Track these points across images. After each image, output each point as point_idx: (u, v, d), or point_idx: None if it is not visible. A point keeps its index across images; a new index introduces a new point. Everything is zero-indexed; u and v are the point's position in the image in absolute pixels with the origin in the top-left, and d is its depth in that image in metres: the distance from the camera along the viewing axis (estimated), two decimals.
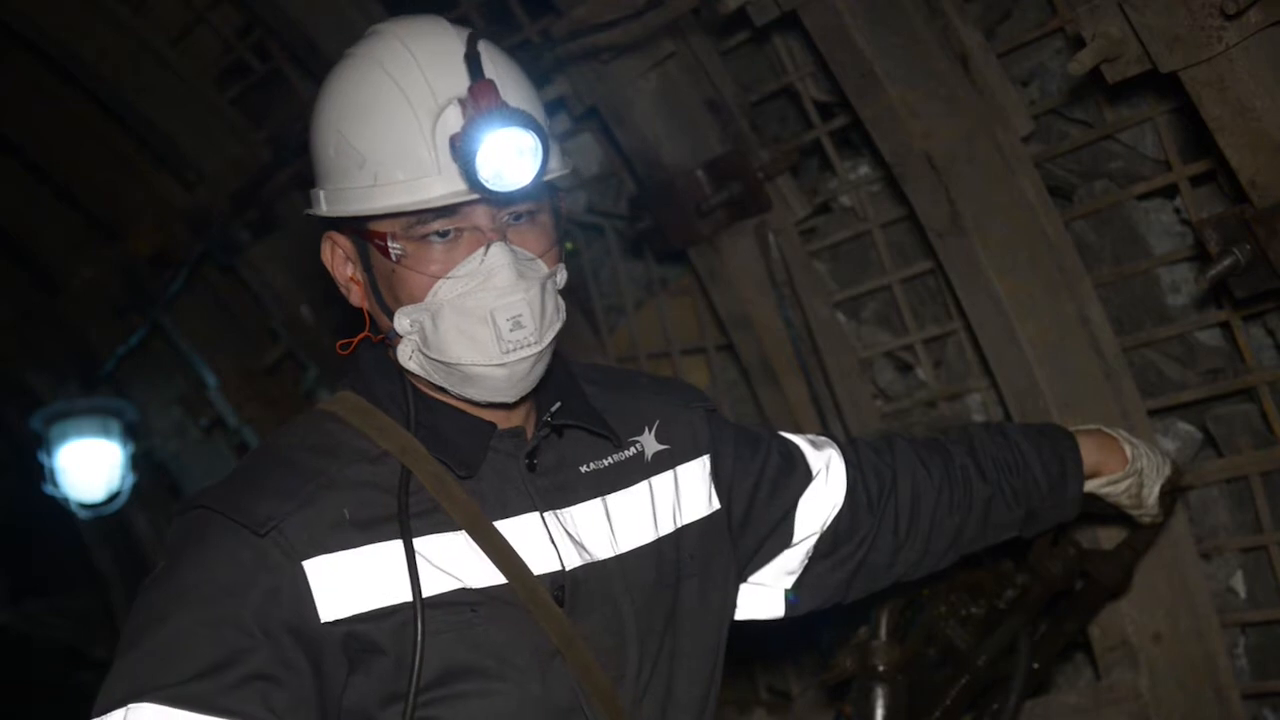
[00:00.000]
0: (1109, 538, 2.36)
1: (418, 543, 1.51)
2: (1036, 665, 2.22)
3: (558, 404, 1.66)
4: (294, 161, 3.83)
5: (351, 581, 1.48)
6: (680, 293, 3.35)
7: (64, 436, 5.32)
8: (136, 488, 5.46)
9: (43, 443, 5.38)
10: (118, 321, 5.03)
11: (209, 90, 4.10)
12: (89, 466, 5.33)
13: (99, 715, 1.41)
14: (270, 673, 1.42)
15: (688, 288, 3.28)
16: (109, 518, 5.67)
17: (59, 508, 5.53)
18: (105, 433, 5.31)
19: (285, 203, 4.10)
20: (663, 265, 3.35)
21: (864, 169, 2.88)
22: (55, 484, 5.38)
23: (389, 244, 1.52)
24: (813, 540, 1.87)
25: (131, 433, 5.39)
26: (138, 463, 5.43)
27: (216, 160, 4.18)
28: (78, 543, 6.19)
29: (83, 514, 5.57)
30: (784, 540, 1.85)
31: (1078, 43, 2.04)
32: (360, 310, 1.64)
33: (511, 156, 1.46)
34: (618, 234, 3.37)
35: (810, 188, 3.00)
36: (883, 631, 2.15)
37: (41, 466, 5.39)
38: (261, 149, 4.07)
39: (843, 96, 2.57)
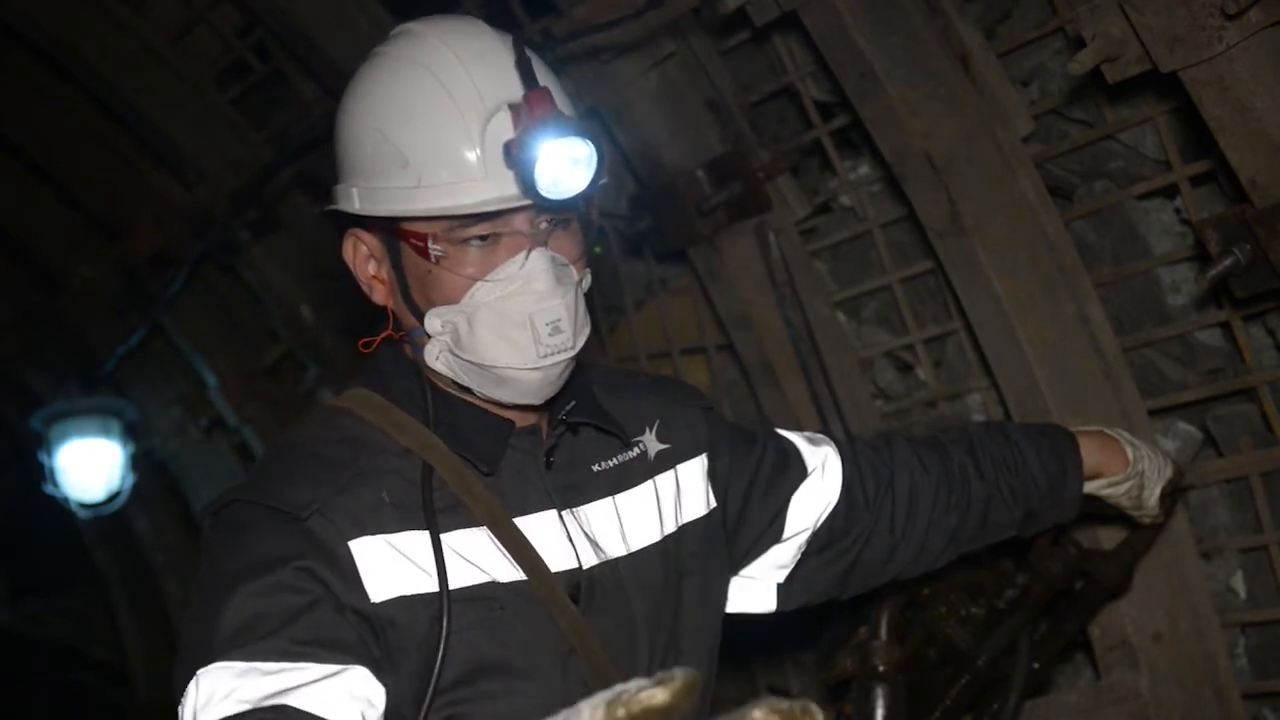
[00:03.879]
0: (1109, 538, 2.36)
1: (445, 537, 1.51)
2: (1036, 665, 2.22)
3: (573, 403, 1.67)
4: (295, 161, 3.83)
5: (392, 564, 1.48)
6: (680, 293, 3.35)
7: (64, 436, 5.31)
8: (136, 488, 5.46)
9: (43, 443, 5.37)
10: (118, 321, 5.03)
11: (209, 90, 4.10)
12: (89, 466, 5.33)
13: (180, 699, 1.38)
14: (337, 622, 1.42)
15: (688, 288, 3.28)
16: (109, 518, 5.67)
17: (59, 508, 5.53)
18: (105, 433, 5.31)
19: (286, 203, 4.10)
20: (663, 265, 3.35)
21: (864, 169, 2.88)
22: (55, 484, 5.38)
23: (429, 245, 1.52)
24: (805, 536, 1.87)
25: (131, 433, 5.38)
26: (138, 463, 5.43)
27: (216, 160, 4.17)
28: (78, 543, 6.19)
29: (83, 514, 5.57)
30: (775, 535, 1.86)
31: (1078, 43, 2.04)
32: (374, 308, 1.64)
33: (568, 165, 1.47)
34: (618, 234, 3.37)
35: (810, 188, 3.00)
36: (883, 631, 2.15)
37: (41, 466, 5.39)
38: (262, 149, 4.07)
39: (843, 96, 2.57)
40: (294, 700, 1.34)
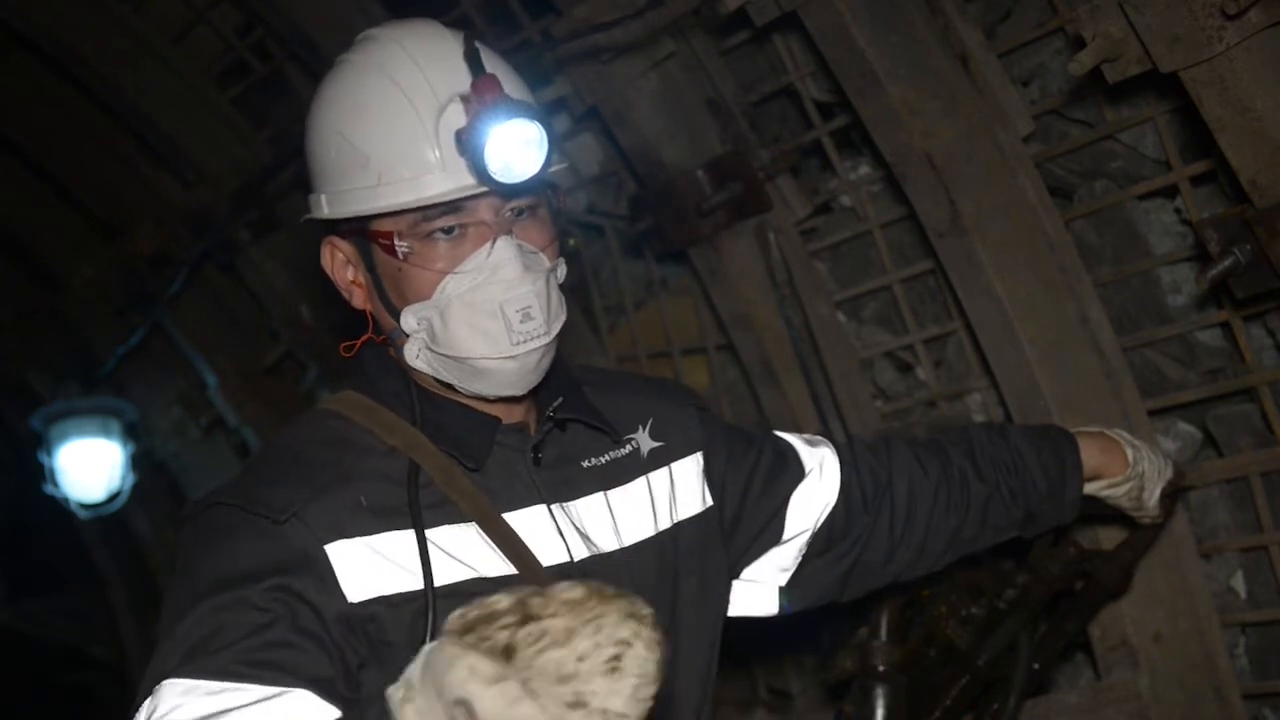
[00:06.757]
0: (1109, 538, 2.36)
1: (430, 534, 1.52)
2: (1037, 665, 2.22)
3: (560, 399, 1.68)
4: (295, 161, 3.82)
5: (371, 566, 1.49)
6: (680, 293, 3.35)
7: (64, 436, 5.31)
8: (136, 488, 5.45)
9: (43, 442, 5.37)
10: (118, 321, 5.03)
11: (209, 90, 4.09)
12: (89, 466, 5.32)
13: (138, 703, 1.39)
14: (291, 641, 1.41)
15: (688, 288, 3.28)
16: (109, 518, 5.67)
17: (59, 508, 5.53)
18: (105, 433, 5.30)
19: (286, 203, 4.10)
20: (663, 265, 3.35)
21: (864, 169, 2.88)
22: (55, 484, 5.38)
23: (395, 242, 1.54)
24: (805, 538, 1.87)
25: (131, 433, 5.38)
26: (138, 463, 5.42)
27: (217, 160, 4.17)
28: (78, 543, 6.19)
29: (83, 514, 5.56)
30: (774, 537, 1.86)
31: (1078, 43, 2.04)
32: (360, 313, 1.65)
33: (518, 148, 1.49)
34: (618, 234, 3.37)
35: (810, 188, 3.00)
36: (883, 631, 2.15)
37: (41, 466, 5.39)
38: (262, 149, 4.07)
39: (843, 96, 2.57)
40: None
